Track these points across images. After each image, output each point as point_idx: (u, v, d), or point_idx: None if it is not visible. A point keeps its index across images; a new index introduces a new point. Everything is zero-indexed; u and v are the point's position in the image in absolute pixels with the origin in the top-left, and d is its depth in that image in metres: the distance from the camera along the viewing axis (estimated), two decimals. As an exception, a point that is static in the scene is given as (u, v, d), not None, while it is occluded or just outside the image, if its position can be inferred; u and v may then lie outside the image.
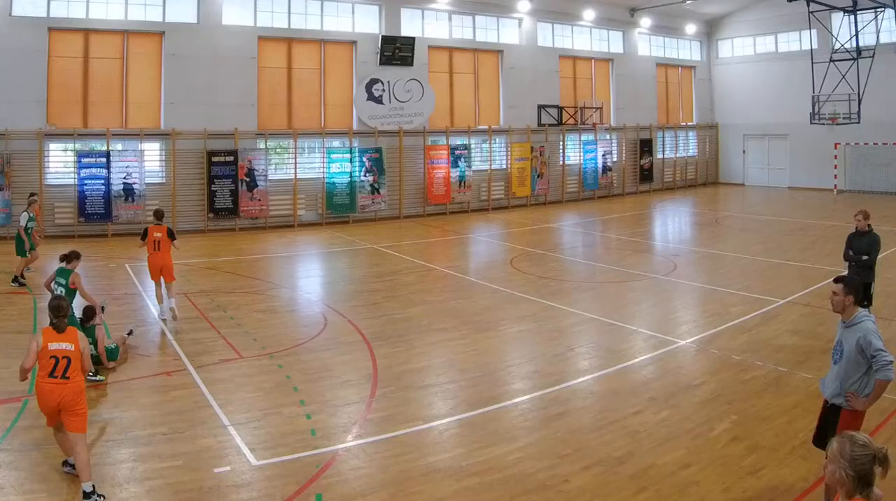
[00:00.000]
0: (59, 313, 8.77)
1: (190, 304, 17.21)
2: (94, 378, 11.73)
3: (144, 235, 16.48)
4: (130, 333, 14.43)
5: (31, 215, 20.06)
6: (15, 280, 19.06)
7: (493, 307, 17.19)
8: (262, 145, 30.97)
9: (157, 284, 16.50)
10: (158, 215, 16.98)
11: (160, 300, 16.45)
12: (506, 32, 38.24)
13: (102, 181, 27.73)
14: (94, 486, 8.16)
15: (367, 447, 9.62)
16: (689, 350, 13.77)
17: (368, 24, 33.92)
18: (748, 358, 13.05)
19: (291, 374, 12.38)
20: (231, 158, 29.86)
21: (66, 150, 28.03)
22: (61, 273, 12.89)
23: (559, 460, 9.16)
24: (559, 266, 22.67)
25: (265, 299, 18.41)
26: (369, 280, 20.91)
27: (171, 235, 16.40)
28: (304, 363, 13.04)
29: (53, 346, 8.46)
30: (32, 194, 22.16)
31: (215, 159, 29.63)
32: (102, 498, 8.15)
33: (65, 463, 8.85)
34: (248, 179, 30.15)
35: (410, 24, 35.06)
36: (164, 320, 15.86)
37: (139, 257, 22.31)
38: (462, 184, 35.67)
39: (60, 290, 12.53)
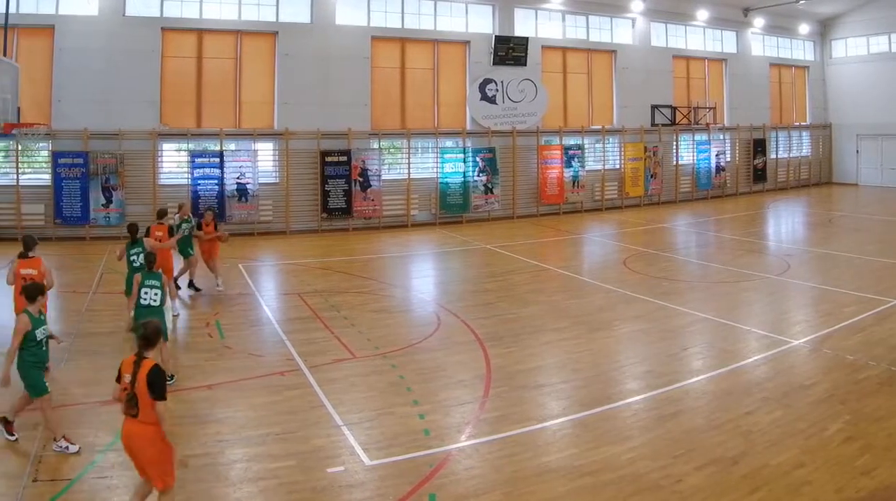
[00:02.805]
0: (27, 247, 10.94)
1: (303, 304, 15.59)
2: (169, 381, 10.01)
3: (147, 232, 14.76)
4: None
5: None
6: (191, 285, 16.76)
7: (607, 307, 15.47)
8: (375, 145, 27.10)
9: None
10: (161, 214, 15.33)
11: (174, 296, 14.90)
12: (619, 32, 33.20)
13: (216, 181, 24.28)
14: None
15: (480, 447, 8.79)
16: (802, 350, 12.41)
17: (482, 24, 29.56)
18: (861, 358, 11.75)
19: (405, 374, 11.23)
20: (344, 158, 26.09)
21: (179, 150, 24.69)
22: (138, 243, 13.19)
23: (672, 460, 8.34)
24: (672, 266, 20.15)
25: (378, 299, 16.51)
26: (483, 280, 18.59)
27: (171, 233, 15.09)
28: (418, 363, 11.81)
29: (24, 271, 10.56)
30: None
31: (329, 159, 25.90)
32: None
33: None
34: (361, 179, 26.33)
35: (524, 24, 30.49)
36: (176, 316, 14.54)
37: (252, 257, 21.30)
38: (575, 184, 31.01)
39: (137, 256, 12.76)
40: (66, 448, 8.32)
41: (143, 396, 6.38)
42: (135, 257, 13.06)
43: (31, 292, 8.56)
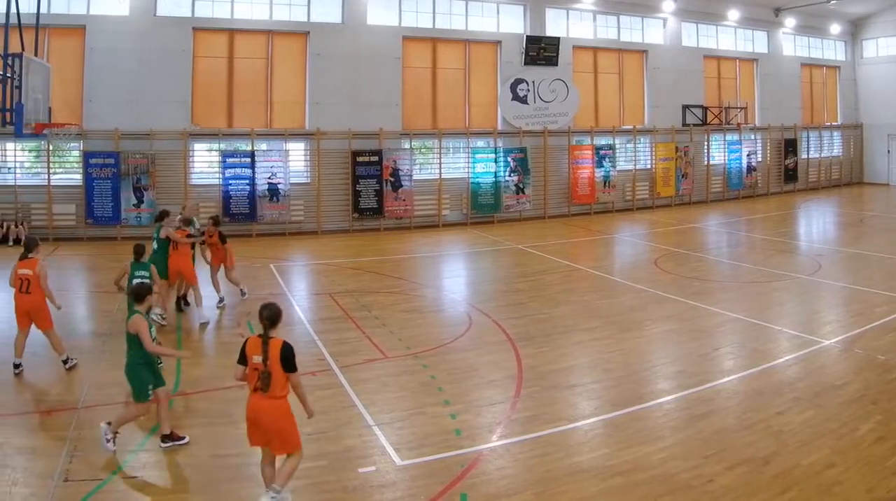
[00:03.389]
0: (27, 248, 10.52)
1: (334, 304, 14.82)
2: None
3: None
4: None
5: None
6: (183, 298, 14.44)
7: (638, 307, 14.67)
8: (406, 145, 25.82)
9: (173, 287, 13.73)
10: (186, 222, 13.70)
11: (200, 303, 13.56)
12: (650, 32, 31.55)
13: (247, 181, 23.12)
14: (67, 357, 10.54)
15: (511, 447, 8.37)
16: (833, 349, 11.84)
17: (513, 24, 28.11)
18: (893, 358, 11.20)
19: (436, 374, 10.66)
20: (376, 158, 24.82)
21: (210, 150, 23.52)
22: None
23: (703, 460, 7.91)
24: (704, 266, 19.23)
25: (410, 299, 15.65)
26: (514, 280, 17.69)
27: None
28: (449, 363, 11.20)
29: (20, 271, 10.30)
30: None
31: (360, 159, 24.64)
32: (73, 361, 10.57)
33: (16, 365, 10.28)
34: (392, 179, 25.06)
35: (555, 24, 28.99)
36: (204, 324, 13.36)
37: (283, 257, 20.37)
38: (606, 183, 29.45)
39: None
40: (109, 441, 7.95)
41: (277, 372, 6.67)
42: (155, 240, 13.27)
43: (139, 292, 8.33)
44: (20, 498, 7.01)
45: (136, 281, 10.42)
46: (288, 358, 6.70)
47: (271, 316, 6.79)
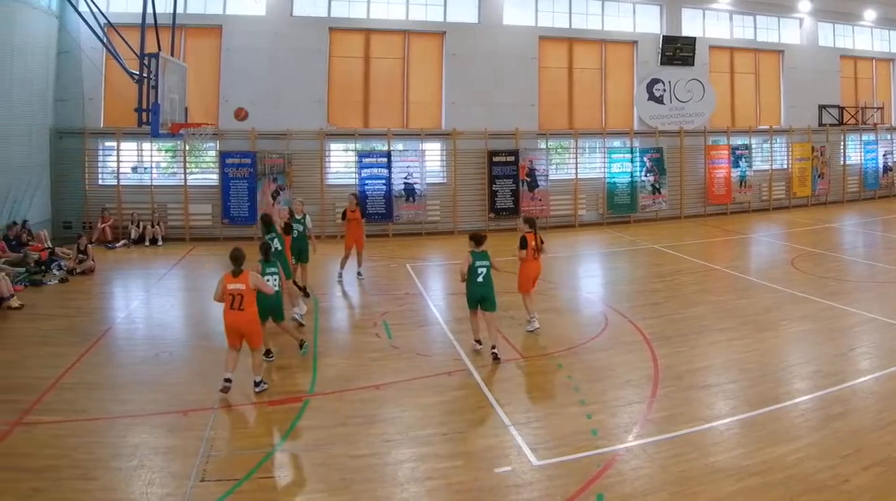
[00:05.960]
0: (237, 263, 7.33)
1: None
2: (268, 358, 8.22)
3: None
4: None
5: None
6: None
7: (774, 307, 10.94)
8: (542, 145, 19.50)
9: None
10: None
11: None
12: (786, 32, 23.71)
13: (383, 181, 17.62)
14: (262, 378, 7.36)
15: (647, 447, 6.12)
16: None
17: (649, 24, 21.19)
18: None
19: (572, 374, 7.91)
20: (512, 158, 18.75)
21: (346, 150, 18.05)
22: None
23: (840, 460, 5.80)
24: (840, 266, 14.77)
25: (546, 299, 11.82)
26: (650, 280, 13.77)
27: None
28: (585, 363, 8.38)
29: (231, 287, 7.23)
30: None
31: (496, 159, 18.62)
32: (266, 385, 7.40)
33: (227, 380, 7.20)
34: (528, 179, 18.92)
35: (691, 24, 21.82)
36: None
37: (420, 257, 15.80)
38: (743, 183, 22.11)
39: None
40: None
41: (539, 247, 9.15)
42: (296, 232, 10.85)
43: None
44: (156, 499, 5.30)
45: (265, 278, 8.01)
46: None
47: (532, 220, 9.21)
